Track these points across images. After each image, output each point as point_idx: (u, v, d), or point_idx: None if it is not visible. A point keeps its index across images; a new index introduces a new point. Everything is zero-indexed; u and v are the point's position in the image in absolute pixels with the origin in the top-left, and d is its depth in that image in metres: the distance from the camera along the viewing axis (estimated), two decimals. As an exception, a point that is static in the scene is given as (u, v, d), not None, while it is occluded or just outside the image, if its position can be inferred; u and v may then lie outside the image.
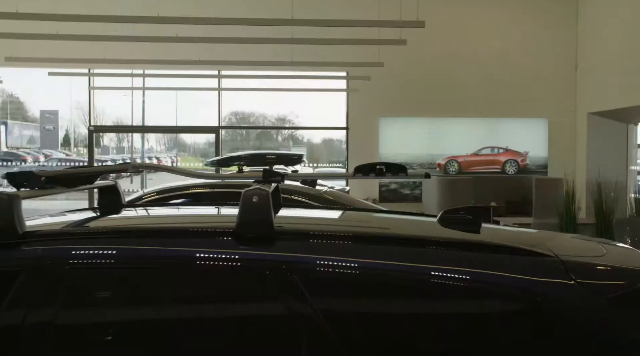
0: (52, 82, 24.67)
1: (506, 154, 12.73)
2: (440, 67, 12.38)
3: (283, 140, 18.11)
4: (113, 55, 10.83)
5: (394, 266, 1.68)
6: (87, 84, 13.04)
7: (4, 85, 14.55)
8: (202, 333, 1.66)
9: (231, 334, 1.66)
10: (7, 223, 1.70)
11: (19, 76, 28.86)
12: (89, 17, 7.97)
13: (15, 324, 1.58)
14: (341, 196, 5.61)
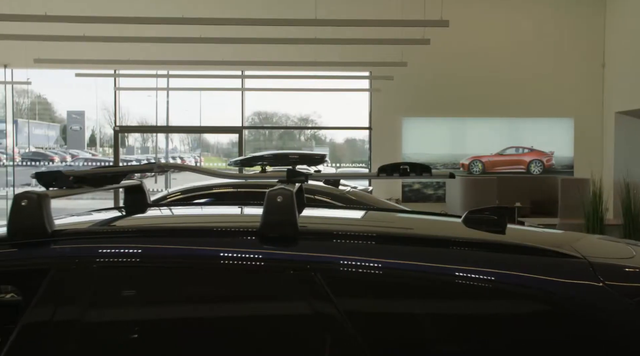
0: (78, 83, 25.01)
1: (531, 154, 12.58)
2: (464, 66, 12.28)
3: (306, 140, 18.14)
4: (138, 56, 10.96)
5: (418, 266, 1.67)
6: (113, 84, 13.20)
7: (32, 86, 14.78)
8: (226, 332, 1.67)
9: (255, 334, 1.66)
10: (36, 222, 1.73)
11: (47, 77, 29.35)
12: (115, 19, 8.07)
13: (44, 321, 1.61)
14: (364, 196, 5.60)
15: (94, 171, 2.16)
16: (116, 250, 1.73)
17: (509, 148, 12.61)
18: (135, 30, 9.40)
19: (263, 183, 4.92)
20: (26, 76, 13.29)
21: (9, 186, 14.24)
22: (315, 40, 8.94)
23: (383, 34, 9.55)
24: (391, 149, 12.34)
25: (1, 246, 1.76)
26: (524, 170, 12.56)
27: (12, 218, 1.75)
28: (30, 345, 1.59)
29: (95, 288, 1.67)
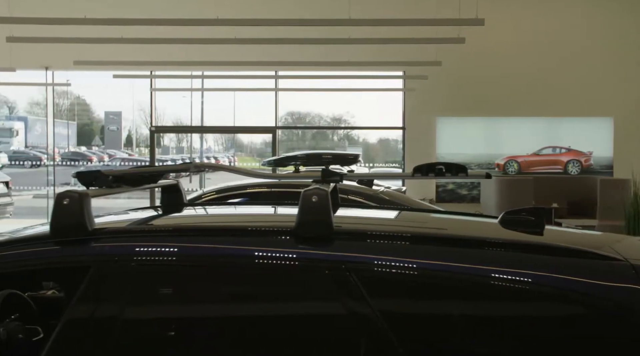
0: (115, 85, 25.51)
1: (568, 154, 12.34)
2: (499, 65, 12.11)
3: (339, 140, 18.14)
4: (173, 58, 11.12)
5: (453, 267, 1.66)
6: (149, 85, 13.42)
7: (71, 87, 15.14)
8: (261, 331, 1.69)
9: (290, 333, 1.67)
10: (77, 220, 1.77)
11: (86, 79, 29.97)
12: (152, 21, 8.21)
13: (86, 317, 1.65)
14: (398, 196, 5.57)
15: (132, 170, 2.20)
16: (153, 249, 1.76)
17: (546, 148, 12.39)
18: (171, 32, 9.54)
19: (296, 182, 4.93)
20: (66, 78, 13.62)
21: (50, 185, 14.60)
22: (348, 40, 8.93)
23: (417, 33, 9.49)
24: (425, 149, 12.25)
25: (44, 244, 1.80)
26: (561, 170, 12.33)
27: (54, 216, 1.79)
28: (73, 341, 1.63)
29: (134, 285, 1.70)
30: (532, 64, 12.10)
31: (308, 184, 1.89)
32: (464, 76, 12.10)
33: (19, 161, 27.26)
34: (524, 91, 12.11)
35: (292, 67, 12.27)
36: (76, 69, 12.22)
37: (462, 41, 8.46)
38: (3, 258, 1.81)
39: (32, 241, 1.90)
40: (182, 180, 2.62)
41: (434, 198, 12.13)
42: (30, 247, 1.83)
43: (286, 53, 11.42)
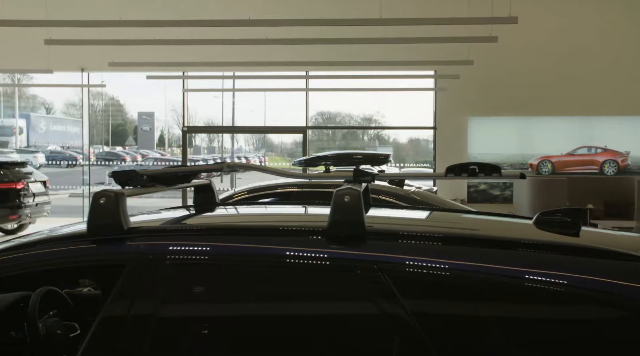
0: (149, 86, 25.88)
1: (604, 154, 12.09)
2: (533, 63, 11.93)
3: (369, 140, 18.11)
4: (205, 58, 11.24)
5: (486, 268, 1.64)
6: (181, 86, 13.59)
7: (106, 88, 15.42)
8: (292, 330, 1.69)
9: (321, 332, 1.67)
10: (113, 219, 1.80)
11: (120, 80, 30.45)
12: (185, 22, 8.31)
13: (121, 315, 1.68)
14: (429, 197, 5.53)
15: (166, 170, 2.22)
16: (187, 248, 1.78)
17: (581, 148, 12.16)
18: (203, 33, 9.65)
19: (327, 182, 4.94)
20: (101, 79, 13.88)
21: (85, 185, 14.89)
22: (379, 40, 8.90)
23: (449, 32, 9.41)
24: (456, 149, 12.14)
25: (81, 242, 1.84)
26: (596, 171, 12.09)
27: (91, 215, 1.82)
28: (109, 337, 1.66)
29: (168, 283, 1.72)
30: (566, 62, 11.89)
31: (338, 184, 1.89)
32: (496, 75, 11.95)
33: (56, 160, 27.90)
34: (557, 89, 11.91)
35: (323, 67, 12.29)
36: (111, 70, 12.43)
37: (494, 40, 8.36)
38: (42, 256, 1.85)
39: (70, 240, 1.94)
40: (213, 180, 2.64)
41: (465, 198, 12.02)
42: (67, 245, 1.87)
43: (317, 53, 11.44)
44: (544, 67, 11.91)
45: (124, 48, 10.33)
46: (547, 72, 11.90)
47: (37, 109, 34.38)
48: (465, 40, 8.90)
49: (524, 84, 11.96)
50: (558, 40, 11.91)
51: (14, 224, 11.77)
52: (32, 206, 11.38)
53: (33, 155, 26.29)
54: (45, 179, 12.19)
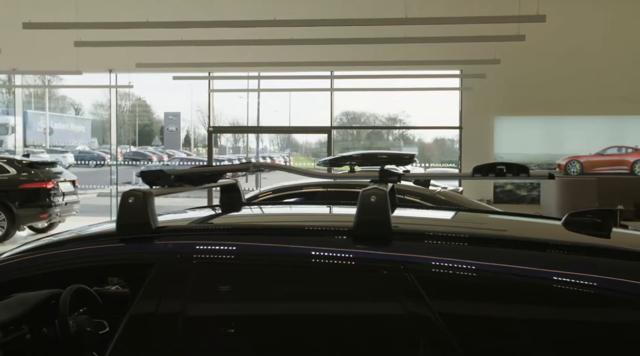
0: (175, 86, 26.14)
1: (636, 153, 11.86)
2: (561, 62, 11.76)
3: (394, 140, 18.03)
4: (231, 59, 11.31)
5: (513, 269, 1.62)
6: (207, 86, 13.70)
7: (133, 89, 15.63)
8: (318, 330, 1.69)
9: (347, 332, 1.67)
10: (142, 219, 1.82)
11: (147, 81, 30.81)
12: (210, 23, 8.37)
13: (150, 313, 1.70)
14: (455, 197, 5.49)
15: (193, 170, 2.24)
16: (214, 247, 1.79)
17: (610, 148, 11.95)
18: (229, 34, 9.71)
19: (352, 182, 4.93)
20: (128, 80, 14.07)
21: (113, 184, 15.10)
22: (405, 39, 8.86)
23: (475, 31, 9.32)
24: (482, 149, 12.03)
25: (111, 241, 1.87)
26: (627, 171, 11.87)
27: (120, 214, 1.85)
28: (138, 335, 1.68)
29: (195, 282, 1.74)
30: (595, 60, 11.69)
31: (363, 184, 1.88)
32: (524, 74, 11.81)
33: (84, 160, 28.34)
34: (586, 88, 11.72)
35: (348, 67, 12.27)
36: (138, 71, 12.59)
37: (522, 39, 8.26)
38: (71, 254, 1.88)
39: (99, 238, 1.96)
40: (238, 179, 2.65)
41: (491, 198, 11.90)
42: (97, 244, 1.90)
43: (342, 53, 11.43)
44: (572, 66, 11.73)
45: (150, 49, 10.46)
46: (576, 71, 11.72)
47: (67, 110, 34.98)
48: (492, 39, 8.81)
49: (552, 83, 11.80)
50: (587, 39, 11.71)
51: (45, 223, 11.99)
52: (62, 205, 11.58)
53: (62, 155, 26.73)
54: (75, 179, 12.40)
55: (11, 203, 10.94)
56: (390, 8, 9.20)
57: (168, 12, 10.68)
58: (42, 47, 12.11)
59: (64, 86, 26.20)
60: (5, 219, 10.96)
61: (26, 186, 11.07)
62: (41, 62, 13.34)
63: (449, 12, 9.80)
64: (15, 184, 11.07)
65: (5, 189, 11.04)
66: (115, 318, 2.33)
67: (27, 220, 11.30)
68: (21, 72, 14.37)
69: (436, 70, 12.36)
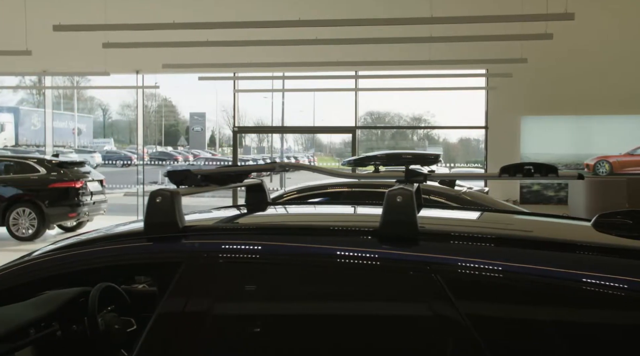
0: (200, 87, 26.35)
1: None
2: (589, 61, 11.57)
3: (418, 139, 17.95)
4: (256, 59, 11.36)
5: (541, 270, 1.60)
6: (232, 87, 13.79)
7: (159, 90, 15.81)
8: (343, 331, 1.69)
9: (372, 333, 1.67)
10: (169, 218, 1.84)
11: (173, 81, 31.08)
12: (236, 24, 8.43)
13: (177, 312, 1.72)
14: (481, 197, 5.44)
15: (220, 170, 2.26)
16: (240, 246, 1.80)
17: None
18: (254, 34, 9.76)
19: (376, 182, 4.92)
20: (154, 81, 14.23)
21: (139, 184, 15.29)
22: (430, 39, 8.81)
23: (502, 30, 9.22)
24: (509, 148, 11.90)
25: (139, 240, 1.89)
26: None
27: (147, 214, 1.87)
28: (165, 333, 1.70)
29: (221, 281, 1.75)
30: (624, 59, 11.48)
31: (387, 184, 1.87)
32: (551, 73, 11.65)
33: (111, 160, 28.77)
34: (615, 87, 11.51)
35: (373, 67, 12.25)
36: (164, 72, 12.73)
37: (549, 37, 8.15)
38: (100, 253, 1.91)
39: (127, 237, 1.99)
40: (263, 179, 2.66)
41: (518, 199, 11.77)
42: (125, 243, 1.92)
43: (366, 53, 11.41)
44: (600, 64, 11.54)
45: (177, 50, 10.56)
46: (604, 70, 11.53)
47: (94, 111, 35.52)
48: (519, 38, 8.71)
49: (580, 83, 11.62)
50: (616, 37, 11.51)
51: (73, 222, 12.20)
52: (90, 204, 11.77)
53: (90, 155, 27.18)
54: (102, 178, 12.58)
55: (41, 202, 11.16)
56: (416, 7, 9.16)
57: (194, 13, 10.77)
58: (71, 49, 12.31)
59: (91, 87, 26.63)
60: (36, 218, 11.18)
61: (56, 186, 11.28)
62: (70, 64, 13.58)
63: (475, 11, 9.70)
64: (45, 184, 11.29)
65: (36, 188, 11.26)
66: (143, 316, 2.36)
67: (56, 219, 11.51)
68: (51, 74, 14.62)
69: (461, 69, 12.27)
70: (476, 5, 10.97)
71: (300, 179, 10.54)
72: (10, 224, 11.21)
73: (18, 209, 11.20)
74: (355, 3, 11.73)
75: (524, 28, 8.54)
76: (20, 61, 10.97)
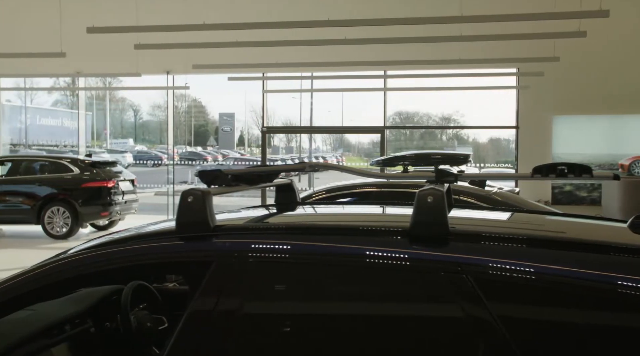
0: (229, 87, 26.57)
1: None
2: (623, 59, 11.33)
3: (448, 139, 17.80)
4: (284, 60, 11.40)
5: (575, 272, 1.57)
6: (261, 87, 13.86)
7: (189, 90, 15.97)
8: (373, 331, 1.69)
9: (401, 333, 1.66)
10: (201, 217, 1.86)
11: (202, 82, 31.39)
12: (265, 24, 8.47)
13: (208, 310, 1.73)
14: (512, 198, 5.37)
15: (250, 170, 2.27)
16: (270, 246, 1.81)
17: (678, 147, 11.46)
18: (283, 34, 9.80)
19: (405, 182, 4.89)
20: (184, 81, 14.38)
21: (170, 183, 15.47)
22: (460, 38, 8.72)
23: (534, 28, 9.09)
24: (540, 148, 11.71)
25: (170, 239, 1.91)
26: (695, 172, 11.34)
27: (179, 213, 1.89)
28: (196, 332, 1.72)
29: (251, 281, 1.76)
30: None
31: (416, 184, 1.86)
32: (584, 71, 11.44)
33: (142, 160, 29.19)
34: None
35: (401, 67, 12.18)
36: (194, 72, 12.85)
37: (583, 35, 8.00)
38: (132, 252, 1.93)
39: (159, 236, 2.01)
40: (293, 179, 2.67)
41: (549, 199, 11.58)
42: (157, 242, 1.95)
43: (395, 52, 11.36)
44: (635, 62, 11.29)
45: (206, 51, 10.66)
46: (639, 68, 11.27)
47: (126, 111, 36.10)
48: (551, 36, 8.57)
49: (614, 81, 11.38)
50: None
51: (105, 221, 12.41)
52: (122, 203, 11.95)
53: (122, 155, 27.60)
54: (133, 178, 12.77)
55: (75, 201, 11.37)
56: (445, 6, 9.08)
57: (224, 13, 10.86)
58: (104, 50, 12.52)
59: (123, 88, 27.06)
60: (70, 217, 11.40)
61: (88, 185, 11.49)
62: (103, 65, 13.81)
63: (506, 9, 9.58)
64: (78, 183, 11.50)
65: (70, 187, 11.49)
66: (174, 314, 2.39)
67: (89, 218, 11.72)
68: (85, 75, 14.89)
69: (492, 68, 12.12)
70: (507, 3, 10.83)
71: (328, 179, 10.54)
72: (45, 222, 11.45)
73: (53, 208, 11.43)
74: (384, 3, 11.69)
75: (556, 26, 8.39)
76: (55, 62, 11.21)
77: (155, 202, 16.84)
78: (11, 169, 12.19)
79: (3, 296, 1.89)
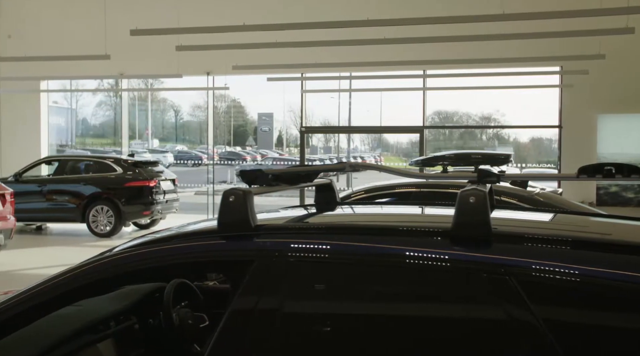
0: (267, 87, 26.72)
1: None
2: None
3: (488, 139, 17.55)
4: (323, 60, 11.42)
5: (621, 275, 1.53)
6: (300, 87, 13.91)
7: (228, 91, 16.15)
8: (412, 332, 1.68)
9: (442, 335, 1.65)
10: (242, 216, 1.88)
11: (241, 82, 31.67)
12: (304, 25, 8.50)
13: (249, 309, 1.75)
14: (555, 198, 5.27)
15: (290, 170, 2.28)
16: (310, 246, 1.81)
17: None
18: (322, 35, 9.82)
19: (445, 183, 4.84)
20: (224, 82, 14.54)
21: (209, 183, 15.67)
22: (501, 36, 8.58)
23: (578, 25, 8.87)
24: (584, 148, 11.43)
25: (212, 238, 1.94)
26: None
27: (221, 212, 1.91)
28: (238, 330, 1.74)
29: (291, 280, 1.77)
30: None
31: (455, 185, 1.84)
32: (631, 69, 11.12)
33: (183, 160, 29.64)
34: (703, 83, 10.86)
35: (441, 66, 12.06)
36: (234, 73, 12.99)
37: (631, 31, 7.77)
38: (174, 250, 1.97)
39: (202, 235, 2.04)
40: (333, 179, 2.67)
41: (594, 200, 11.29)
42: (199, 240, 1.97)
43: (435, 51, 11.25)
44: (686, 59, 10.91)
45: (246, 51, 10.76)
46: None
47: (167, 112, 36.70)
48: (596, 33, 8.35)
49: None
50: None
51: (147, 220, 12.65)
52: (163, 202, 12.16)
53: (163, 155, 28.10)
54: (174, 178, 12.98)
55: (118, 200, 11.63)
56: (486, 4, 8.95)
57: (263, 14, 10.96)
58: (146, 52, 12.77)
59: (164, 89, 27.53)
60: (113, 215, 11.67)
61: (131, 185, 11.73)
62: (145, 67, 14.08)
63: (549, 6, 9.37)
64: (121, 183, 11.76)
65: (113, 187, 11.75)
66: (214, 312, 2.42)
67: (131, 216, 11.96)
68: (127, 77, 15.21)
69: (534, 67, 11.89)
70: (549, 0, 10.61)
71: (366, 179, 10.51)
72: (90, 221, 11.75)
73: (97, 207, 11.72)
74: (424, 2, 11.60)
75: (602, 23, 8.17)
76: (100, 64, 11.48)
77: (196, 201, 17.06)
78: (58, 169, 12.54)
79: (53, 292, 1.95)
